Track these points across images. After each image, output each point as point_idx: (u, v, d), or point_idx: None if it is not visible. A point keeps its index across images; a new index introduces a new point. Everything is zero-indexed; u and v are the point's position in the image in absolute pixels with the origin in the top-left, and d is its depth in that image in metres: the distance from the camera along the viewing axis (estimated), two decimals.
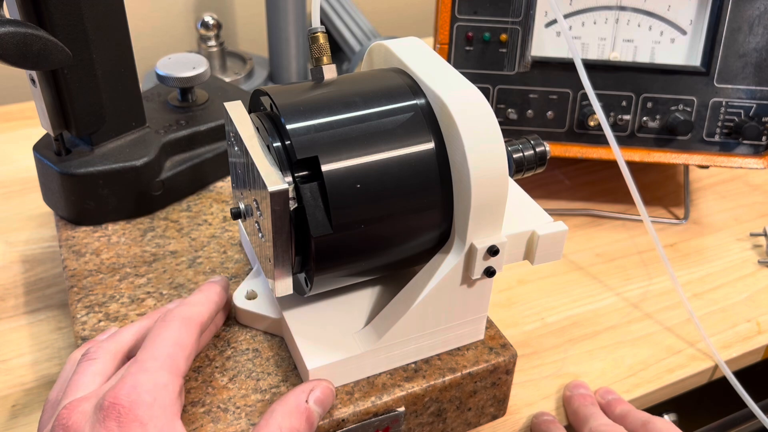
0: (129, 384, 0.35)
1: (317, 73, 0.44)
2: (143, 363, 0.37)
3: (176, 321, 0.40)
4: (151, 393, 0.35)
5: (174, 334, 0.39)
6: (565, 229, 0.43)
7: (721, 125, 0.64)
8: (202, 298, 0.43)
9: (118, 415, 0.34)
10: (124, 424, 0.34)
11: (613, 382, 0.54)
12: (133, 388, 0.35)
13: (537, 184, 0.74)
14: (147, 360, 0.37)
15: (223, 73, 0.86)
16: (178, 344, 0.38)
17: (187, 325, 0.40)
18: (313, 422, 0.39)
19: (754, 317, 0.60)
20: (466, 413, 0.47)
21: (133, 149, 0.55)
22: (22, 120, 0.83)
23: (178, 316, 0.40)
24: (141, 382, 0.36)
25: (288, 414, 0.38)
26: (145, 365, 0.37)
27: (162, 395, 0.36)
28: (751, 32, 0.61)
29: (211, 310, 0.43)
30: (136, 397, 0.35)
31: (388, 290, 0.47)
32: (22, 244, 0.64)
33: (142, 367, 0.36)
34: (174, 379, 0.37)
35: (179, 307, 0.41)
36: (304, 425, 0.38)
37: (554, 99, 0.64)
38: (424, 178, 0.40)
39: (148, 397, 0.35)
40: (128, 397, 0.35)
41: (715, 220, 0.71)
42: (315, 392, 0.40)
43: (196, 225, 0.56)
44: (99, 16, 0.51)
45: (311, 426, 0.39)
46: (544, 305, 0.61)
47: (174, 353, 0.38)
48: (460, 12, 0.62)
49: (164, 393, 0.36)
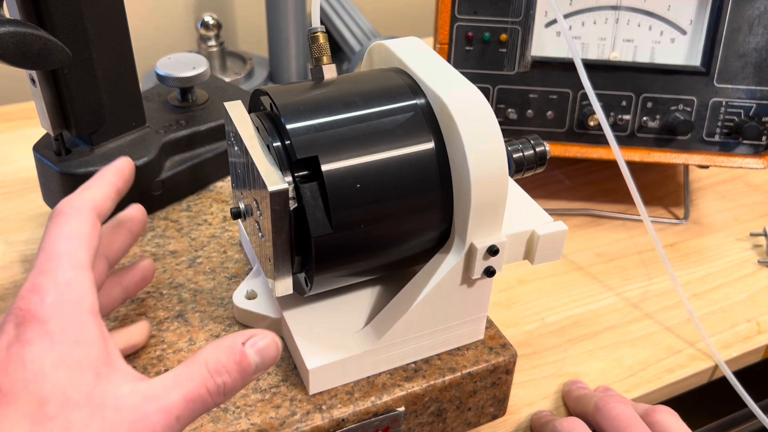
0: (27, 287, 0.33)
1: (317, 73, 0.44)
2: (40, 265, 0.34)
3: (65, 213, 0.36)
4: (51, 292, 0.33)
5: (66, 228, 0.36)
6: (565, 229, 0.43)
7: (721, 125, 0.64)
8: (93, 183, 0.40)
9: (15, 318, 0.32)
10: (22, 324, 0.32)
11: (613, 382, 0.54)
12: (30, 291, 0.33)
13: (537, 184, 0.74)
14: (43, 262, 0.34)
15: (223, 73, 0.86)
16: (74, 237, 0.35)
17: (78, 214, 0.36)
18: (245, 368, 0.35)
19: (754, 317, 0.60)
20: (466, 413, 0.47)
21: (133, 149, 0.55)
22: (22, 120, 0.82)
23: (65, 207, 0.37)
24: (39, 283, 0.33)
25: (218, 349, 0.34)
26: (42, 267, 0.34)
27: (64, 291, 0.33)
28: (751, 32, 0.61)
29: (105, 192, 0.39)
30: (33, 297, 0.33)
31: (388, 290, 0.47)
32: (22, 244, 0.64)
33: (40, 270, 0.34)
34: (78, 274, 0.34)
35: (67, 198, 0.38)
36: (234, 367, 0.34)
37: (554, 99, 0.64)
38: (423, 178, 0.40)
39: (48, 297, 0.33)
40: (26, 300, 0.33)
41: (715, 220, 0.71)
42: (256, 339, 0.35)
43: (196, 225, 0.56)
44: (99, 16, 0.51)
45: (243, 372, 0.35)
46: (544, 305, 0.61)
47: (71, 248, 0.35)
48: (460, 12, 0.62)
49: (66, 289, 0.33)
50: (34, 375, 0.31)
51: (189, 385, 0.33)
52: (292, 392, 0.43)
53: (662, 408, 0.46)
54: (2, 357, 0.31)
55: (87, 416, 0.31)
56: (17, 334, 0.32)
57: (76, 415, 0.31)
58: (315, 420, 0.41)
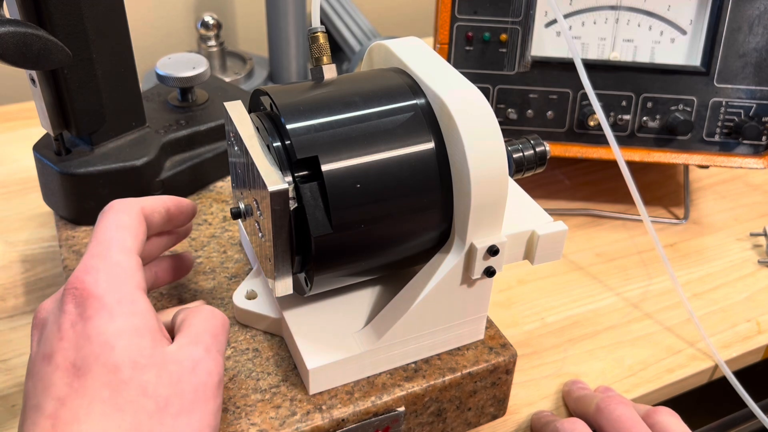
0: (81, 269, 0.36)
1: (317, 73, 0.44)
2: (92, 250, 0.38)
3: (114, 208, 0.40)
4: (104, 271, 0.36)
5: (115, 219, 0.39)
6: (565, 229, 0.43)
7: (721, 125, 0.64)
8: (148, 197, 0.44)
9: (74, 297, 0.35)
10: (81, 302, 0.35)
11: (613, 382, 0.54)
12: (84, 271, 0.36)
13: (537, 184, 0.74)
14: (94, 246, 0.38)
15: (223, 73, 0.86)
16: (121, 227, 0.39)
17: (127, 210, 0.40)
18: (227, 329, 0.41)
19: (754, 317, 0.60)
20: (466, 413, 0.47)
21: (133, 149, 0.55)
22: (22, 120, 0.83)
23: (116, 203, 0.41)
24: (92, 264, 0.36)
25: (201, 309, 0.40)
26: (93, 251, 0.37)
27: (116, 271, 0.36)
28: (751, 32, 0.61)
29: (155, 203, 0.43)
30: (88, 277, 0.36)
31: (388, 290, 0.47)
32: (22, 244, 0.64)
33: (91, 254, 0.37)
34: (126, 257, 0.38)
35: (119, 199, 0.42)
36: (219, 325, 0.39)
37: (554, 99, 0.64)
38: (424, 178, 0.40)
39: (102, 275, 0.36)
40: (82, 278, 0.36)
41: (715, 220, 0.71)
42: None
43: (196, 225, 0.56)
44: (99, 16, 0.51)
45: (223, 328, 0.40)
46: (544, 305, 0.61)
47: (118, 235, 0.38)
48: (460, 12, 0.62)
49: (117, 269, 0.37)
50: (102, 346, 0.34)
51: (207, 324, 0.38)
52: (292, 392, 0.43)
53: (663, 409, 0.46)
54: (70, 336, 0.34)
55: (155, 374, 0.34)
56: (79, 312, 0.35)
57: (147, 375, 0.34)
58: (315, 420, 0.41)
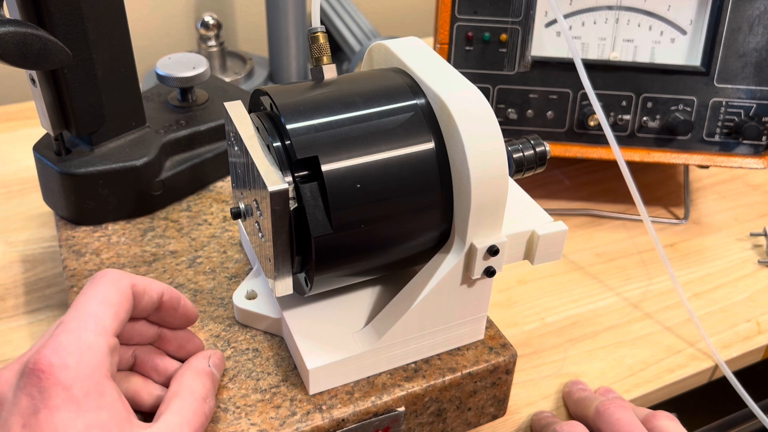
0: (50, 347, 0.34)
1: (317, 73, 0.44)
2: (67, 324, 0.36)
3: (104, 279, 0.38)
4: (74, 355, 0.34)
5: (100, 292, 0.37)
6: (565, 229, 0.43)
7: (721, 125, 0.64)
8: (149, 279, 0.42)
9: (38, 381, 0.33)
10: (45, 389, 0.33)
11: (613, 382, 0.54)
12: (54, 351, 0.34)
13: (537, 184, 0.74)
14: (71, 321, 0.36)
15: (223, 73, 0.86)
16: (104, 302, 0.37)
17: (116, 284, 0.38)
18: (215, 383, 0.42)
19: (754, 317, 0.60)
20: (466, 413, 0.47)
21: (133, 149, 0.55)
22: (22, 120, 0.83)
23: (105, 272, 0.39)
24: (63, 344, 0.34)
25: (195, 376, 0.40)
26: (69, 326, 0.35)
27: (87, 356, 0.34)
28: (751, 32, 0.61)
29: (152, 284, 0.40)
30: (57, 359, 0.34)
31: (388, 290, 0.47)
32: (22, 244, 0.64)
33: (65, 328, 0.35)
34: (99, 339, 0.35)
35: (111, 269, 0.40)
36: (212, 388, 0.41)
37: (554, 99, 0.64)
38: (424, 178, 0.40)
39: (71, 359, 0.34)
40: (49, 361, 0.34)
41: (715, 220, 0.71)
42: (212, 358, 0.42)
43: (196, 225, 0.56)
44: (99, 16, 0.51)
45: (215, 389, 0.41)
46: (544, 305, 0.61)
47: (99, 311, 0.36)
48: (460, 12, 0.62)
49: (89, 354, 0.35)
50: None
51: (193, 419, 0.37)
52: (292, 392, 0.43)
53: (662, 413, 0.46)
54: (33, 423, 0.33)
55: None
56: (43, 399, 0.33)
57: None
58: (315, 420, 0.41)
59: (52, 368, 0.33)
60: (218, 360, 0.43)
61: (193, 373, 0.40)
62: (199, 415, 0.38)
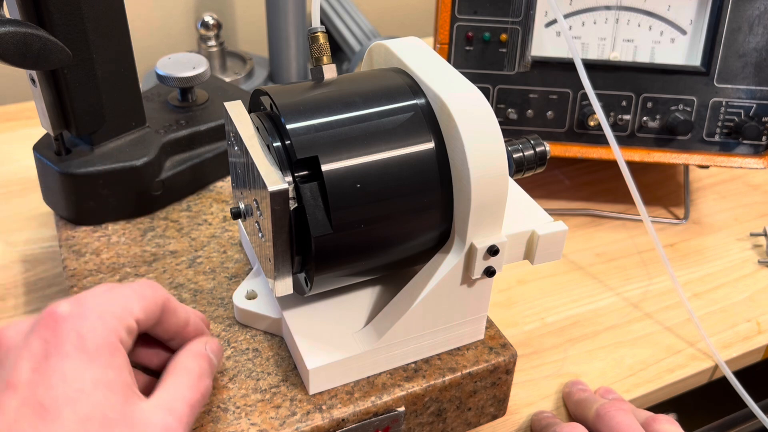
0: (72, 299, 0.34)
1: (317, 73, 0.44)
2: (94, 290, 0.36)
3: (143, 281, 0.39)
4: (94, 311, 0.34)
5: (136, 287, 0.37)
6: (565, 228, 0.43)
7: (721, 125, 0.64)
8: None
9: (55, 324, 0.33)
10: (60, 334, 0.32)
11: (613, 382, 0.54)
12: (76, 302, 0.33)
13: (537, 184, 0.74)
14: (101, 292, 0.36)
15: (223, 73, 0.86)
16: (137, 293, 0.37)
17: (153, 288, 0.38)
18: (212, 366, 0.40)
19: (754, 317, 0.60)
20: (466, 413, 0.47)
21: (133, 149, 0.55)
22: (22, 120, 0.83)
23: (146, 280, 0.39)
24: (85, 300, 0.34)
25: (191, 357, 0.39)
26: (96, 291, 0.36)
27: (107, 317, 0.34)
28: (751, 32, 0.61)
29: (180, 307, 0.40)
30: (77, 309, 0.33)
31: (388, 290, 0.47)
32: (22, 244, 0.64)
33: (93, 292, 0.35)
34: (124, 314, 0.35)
35: None
36: (207, 369, 0.40)
37: (554, 99, 0.64)
38: (424, 178, 0.40)
39: (91, 314, 0.33)
40: (68, 308, 0.33)
41: (715, 220, 0.71)
42: (210, 344, 0.41)
43: (196, 225, 0.56)
44: (99, 16, 0.51)
45: (212, 372, 0.40)
46: (544, 305, 0.61)
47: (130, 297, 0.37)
48: (460, 12, 0.62)
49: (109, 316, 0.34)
50: (77, 393, 0.32)
51: (188, 394, 0.37)
52: (292, 392, 0.43)
53: (663, 417, 0.46)
54: (43, 367, 0.32)
55: None
56: (56, 344, 0.32)
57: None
58: (315, 420, 0.41)
59: (70, 315, 0.33)
60: (215, 346, 0.42)
61: (189, 354, 0.40)
62: (194, 390, 0.37)
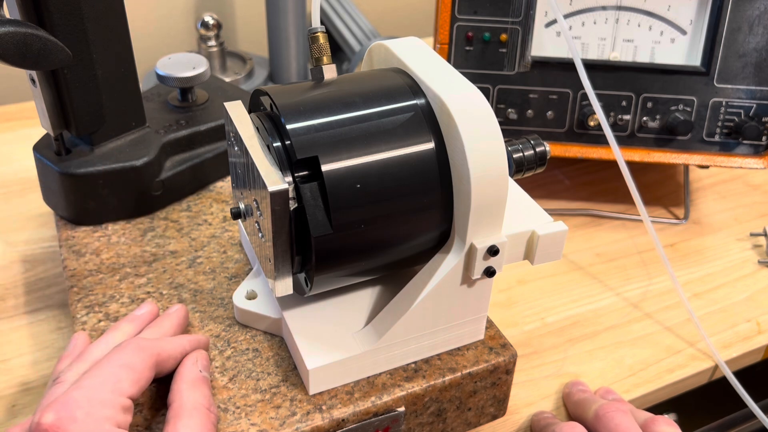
0: (60, 402, 0.34)
1: (317, 73, 0.44)
2: (82, 381, 0.35)
3: (130, 346, 0.38)
4: (84, 408, 0.34)
5: (124, 357, 0.37)
6: (565, 229, 0.43)
7: (721, 125, 0.64)
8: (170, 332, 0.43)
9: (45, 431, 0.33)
10: None
11: (613, 382, 0.54)
12: (63, 406, 0.33)
13: (537, 184, 0.74)
14: (87, 378, 0.36)
15: (223, 73, 0.86)
16: (126, 366, 0.37)
17: (141, 352, 0.38)
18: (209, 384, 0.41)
19: (754, 317, 0.60)
20: (466, 413, 0.47)
21: (133, 149, 0.55)
22: (22, 120, 0.83)
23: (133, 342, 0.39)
24: (74, 398, 0.34)
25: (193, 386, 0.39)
26: (84, 383, 0.35)
27: (97, 410, 0.34)
28: (751, 32, 0.61)
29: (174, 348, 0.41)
30: (65, 413, 0.33)
31: (388, 290, 0.47)
32: (22, 244, 0.64)
33: (80, 385, 0.35)
34: (114, 396, 0.35)
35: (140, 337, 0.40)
36: (207, 391, 0.40)
37: (554, 99, 0.64)
38: (424, 178, 0.40)
39: (80, 413, 0.33)
40: (57, 414, 0.33)
41: (715, 220, 0.71)
42: (200, 361, 0.42)
43: (196, 225, 0.56)
44: (99, 16, 0.51)
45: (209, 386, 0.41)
46: (544, 305, 0.61)
47: (120, 374, 0.36)
48: (460, 12, 0.62)
49: (100, 407, 0.34)
50: None
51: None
52: (292, 392, 0.43)
53: (662, 419, 0.46)
54: None
55: None
56: None
57: None
58: (315, 420, 0.41)
59: (58, 424, 0.33)
60: (205, 360, 0.42)
61: (189, 384, 0.40)
62: (208, 427, 0.38)
